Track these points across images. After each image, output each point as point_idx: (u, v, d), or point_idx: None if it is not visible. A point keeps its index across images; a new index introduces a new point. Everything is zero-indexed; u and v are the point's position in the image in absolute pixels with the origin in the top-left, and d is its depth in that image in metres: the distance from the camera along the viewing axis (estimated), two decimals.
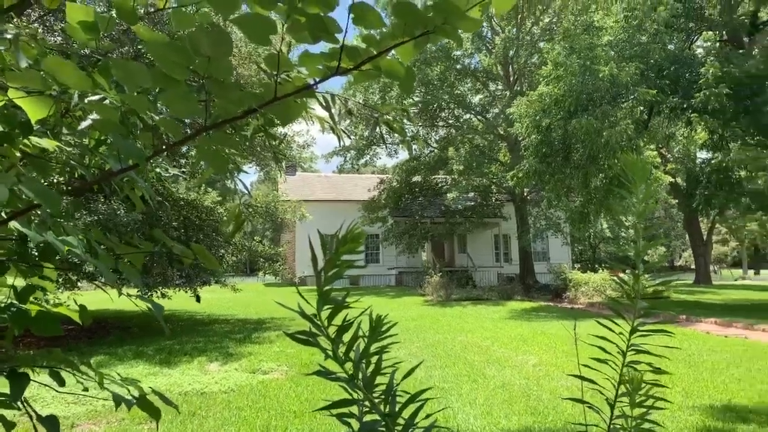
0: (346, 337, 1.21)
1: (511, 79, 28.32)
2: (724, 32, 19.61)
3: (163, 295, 12.88)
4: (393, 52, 1.45)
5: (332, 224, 3.31)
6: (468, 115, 30.06)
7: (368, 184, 33.74)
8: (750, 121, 16.11)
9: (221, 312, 17.80)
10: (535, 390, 7.04)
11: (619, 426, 1.72)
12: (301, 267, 32.59)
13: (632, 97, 16.65)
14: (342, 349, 1.19)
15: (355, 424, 1.24)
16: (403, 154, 33.32)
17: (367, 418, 1.32)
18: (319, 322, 1.18)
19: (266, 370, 8.39)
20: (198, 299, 6.02)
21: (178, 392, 7.00)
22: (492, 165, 28.21)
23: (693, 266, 39.45)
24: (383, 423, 1.19)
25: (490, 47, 27.80)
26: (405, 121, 29.69)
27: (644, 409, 1.74)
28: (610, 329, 2.08)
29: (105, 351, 10.06)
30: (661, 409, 2.00)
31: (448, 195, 27.98)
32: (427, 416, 1.36)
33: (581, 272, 24.78)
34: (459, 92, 28.30)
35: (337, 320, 1.28)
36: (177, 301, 15.55)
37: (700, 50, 19.81)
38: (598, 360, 1.96)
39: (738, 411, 6.07)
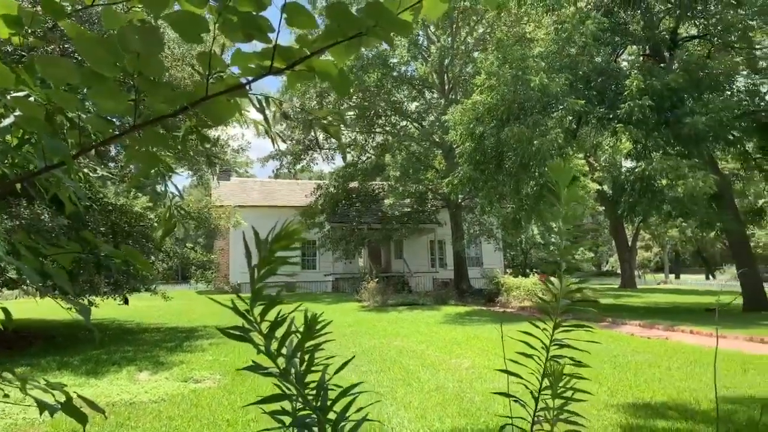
0: (280, 332, 1.22)
1: (447, 87, 28.82)
2: (647, 47, 20.62)
3: (91, 303, 12.38)
4: (327, 53, 1.48)
5: (268, 230, 3.27)
6: (405, 122, 30.41)
7: (305, 189, 33.55)
8: (670, 132, 16.98)
9: (152, 320, 17.26)
10: (468, 392, 7.17)
11: (542, 417, 1.78)
12: (235, 274, 31.98)
13: (562, 107, 17.23)
14: (275, 345, 1.19)
15: (288, 421, 1.24)
16: (340, 160, 33.36)
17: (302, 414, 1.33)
18: (251, 318, 1.18)
19: (198, 378, 8.20)
20: (126, 301, 5.84)
21: (106, 402, 6.75)
22: (428, 172, 28.59)
23: (619, 271, 41.10)
24: (315, 417, 1.21)
25: (426, 56, 28.22)
26: (342, 127, 29.79)
27: (564, 400, 1.81)
28: (537, 327, 2.15)
29: (26, 362, 9.58)
30: (581, 401, 2.09)
31: (385, 201, 28.17)
32: (359, 410, 1.38)
33: (513, 277, 25.41)
34: (396, 99, 28.60)
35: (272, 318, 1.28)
36: (105, 309, 15.00)
37: (625, 63, 20.75)
38: (526, 355, 2.03)
39: (657, 408, 6.38)
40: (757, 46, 19.27)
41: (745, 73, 19.37)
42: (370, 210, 30.36)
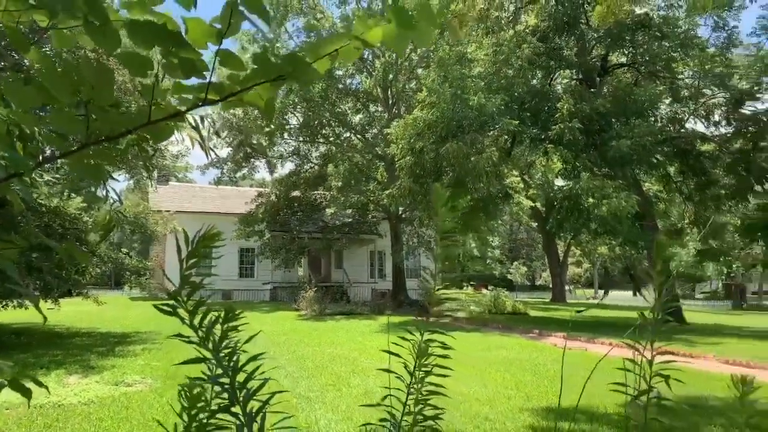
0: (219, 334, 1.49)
1: (390, 101, 29.37)
2: (579, 72, 21.70)
3: (20, 305, 12.11)
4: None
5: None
6: (348, 134, 30.77)
7: (246, 197, 33.35)
8: (598, 154, 17.96)
9: (83, 325, 16.88)
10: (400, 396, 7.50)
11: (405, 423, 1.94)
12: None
13: (497, 126, 17.95)
14: (197, 320, 1.47)
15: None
16: (282, 169, 33.39)
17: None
18: (180, 298, 1.45)
19: (130, 382, 8.22)
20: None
21: (32, 405, 6.72)
22: (370, 183, 29.01)
23: (551, 285, 42.54)
24: (228, 377, 1.49)
25: (371, 70, 28.71)
26: (285, 136, 29.83)
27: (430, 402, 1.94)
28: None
29: None
30: (441, 393, 2.34)
31: (326, 211, 28.37)
32: (266, 380, 1.67)
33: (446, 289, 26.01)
34: (340, 111, 28.92)
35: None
36: (34, 312, 14.60)
37: (558, 87, 21.76)
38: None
39: (568, 412, 6.86)
40: (680, 76, 20.58)
41: (668, 101, 20.65)
42: (312, 219, 30.49)
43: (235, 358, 1.54)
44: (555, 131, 17.28)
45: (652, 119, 19.37)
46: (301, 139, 29.80)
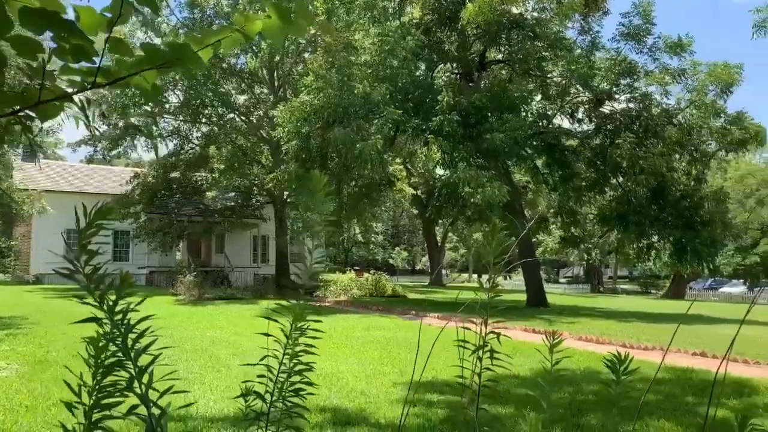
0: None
1: (276, 84, 29.05)
2: (459, 66, 22.70)
3: None
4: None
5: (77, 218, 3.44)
6: (232, 115, 30.05)
7: (121, 177, 31.65)
8: (474, 146, 18.94)
9: None
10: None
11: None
12: (37, 264, 29.29)
13: (382, 114, 18.41)
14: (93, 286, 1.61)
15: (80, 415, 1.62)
16: (162, 149, 32.00)
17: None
18: (78, 264, 1.58)
19: None
20: None
21: None
22: (254, 166, 28.62)
23: (429, 270, 44.20)
24: (118, 335, 1.65)
25: (256, 50, 28.21)
26: (164, 115, 28.66)
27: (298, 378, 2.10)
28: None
29: None
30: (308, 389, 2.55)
31: (208, 194, 27.69)
32: (156, 338, 1.84)
33: (332, 273, 26.43)
34: (224, 91, 28.21)
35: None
36: None
37: (439, 80, 22.63)
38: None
39: (437, 385, 7.38)
40: (549, 75, 22.08)
41: (538, 98, 22.14)
42: (192, 202, 29.56)
43: (128, 318, 1.70)
44: (436, 122, 18.01)
45: (524, 114, 20.70)
46: (181, 118, 28.76)
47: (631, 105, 21.46)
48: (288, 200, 29.34)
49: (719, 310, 22.71)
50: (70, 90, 1.91)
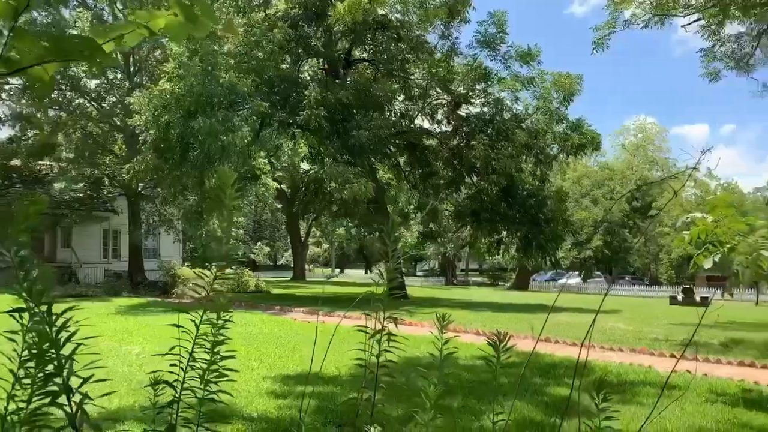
0: None
1: (132, 69, 27.44)
2: (326, 62, 22.89)
3: None
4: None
5: None
6: (82, 100, 27.89)
7: None
8: (340, 142, 19.26)
9: None
10: (137, 375, 7.43)
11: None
12: None
13: (247, 106, 18.14)
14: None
15: None
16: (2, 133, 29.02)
17: None
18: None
19: None
20: None
21: None
22: (106, 156, 26.87)
23: (292, 264, 44.08)
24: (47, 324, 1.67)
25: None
26: (3, 96, 26.00)
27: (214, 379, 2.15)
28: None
29: None
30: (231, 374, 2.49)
31: (55, 184, 25.56)
32: (79, 327, 1.86)
33: (191, 269, 25.55)
34: (73, 73, 26.14)
35: None
36: None
37: (306, 74, 22.69)
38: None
39: (305, 377, 7.53)
40: (411, 77, 22.95)
41: (401, 98, 22.94)
42: (35, 192, 27.09)
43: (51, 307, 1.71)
44: (303, 117, 18.08)
45: (388, 113, 21.37)
46: (24, 101, 26.25)
47: (485, 109, 22.91)
48: (143, 192, 27.86)
49: (559, 300, 24.96)
50: None
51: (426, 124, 24.71)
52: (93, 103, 27.61)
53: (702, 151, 2.41)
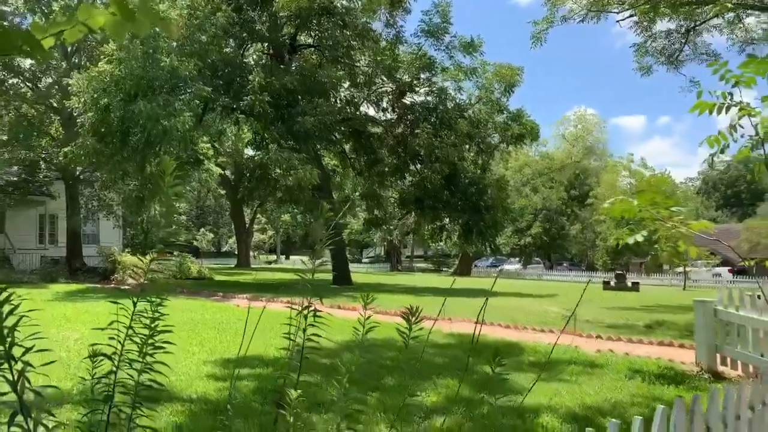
0: None
1: (69, 49, 26.49)
2: (271, 47, 22.73)
3: None
4: None
5: None
6: (15, 80, 26.79)
7: None
8: (285, 128, 19.26)
9: None
10: (75, 360, 7.42)
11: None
12: None
13: (190, 91, 17.90)
14: None
15: None
16: None
17: None
18: None
19: None
20: None
21: None
22: (42, 138, 25.95)
23: (237, 251, 43.66)
24: None
25: (45, 10, 25.46)
26: None
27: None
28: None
29: None
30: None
31: None
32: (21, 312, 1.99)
33: (131, 255, 25.10)
34: None
35: None
36: None
37: (250, 59, 22.49)
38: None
39: (246, 360, 7.67)
40: (357, 64, 23.06)
41: (347, 85, 23.03)
42: None
43: None
44: (246, 102, 17.99)
45: (333, 100, 21.45)
46: None
47: (429, 98, 23.27)
48: (81, 177, 27.07)
49: (498, 286, 25.71)
50: None
51: (371, 112, 24.92)
52: (28, 83, 26.57)
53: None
